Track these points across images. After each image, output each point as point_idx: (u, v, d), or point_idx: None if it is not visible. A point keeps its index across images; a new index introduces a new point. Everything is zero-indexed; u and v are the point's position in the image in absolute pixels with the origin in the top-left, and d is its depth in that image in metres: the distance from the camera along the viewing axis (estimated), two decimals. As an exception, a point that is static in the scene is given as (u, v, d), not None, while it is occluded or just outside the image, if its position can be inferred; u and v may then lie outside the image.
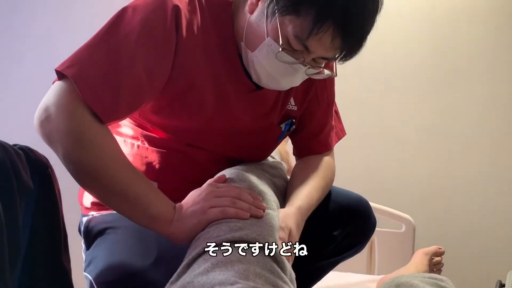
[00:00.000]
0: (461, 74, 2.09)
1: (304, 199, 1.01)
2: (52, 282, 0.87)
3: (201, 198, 0.87)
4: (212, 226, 0.82)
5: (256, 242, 0.77)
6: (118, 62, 0.86)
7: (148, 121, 1.01)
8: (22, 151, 0.81)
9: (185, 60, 0.93)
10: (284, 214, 0.93)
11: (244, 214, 0.83)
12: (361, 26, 0.88)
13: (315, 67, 0.94)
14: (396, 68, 2.13)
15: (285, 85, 0.98)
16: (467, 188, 2.09)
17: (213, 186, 0.90)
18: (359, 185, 2.04)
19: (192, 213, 0.85)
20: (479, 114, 2.09)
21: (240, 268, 0.70)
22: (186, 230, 0.84)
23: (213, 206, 0.84)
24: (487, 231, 2.08)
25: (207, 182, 0.92)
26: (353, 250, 1.16)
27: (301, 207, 0.98)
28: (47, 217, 0.86)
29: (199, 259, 0.74)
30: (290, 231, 0.90)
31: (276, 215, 0.89)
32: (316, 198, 1.05)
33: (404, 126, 2.13)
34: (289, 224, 0.91)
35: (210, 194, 0.87)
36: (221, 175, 0.94)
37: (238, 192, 0.87)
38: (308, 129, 1.15)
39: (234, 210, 0.83)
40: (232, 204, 0.84)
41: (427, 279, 0.98)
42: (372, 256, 1.85)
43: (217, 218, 0.83)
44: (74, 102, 0.82)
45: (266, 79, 0.96)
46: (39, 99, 0.86)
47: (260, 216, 0.84)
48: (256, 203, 0.86)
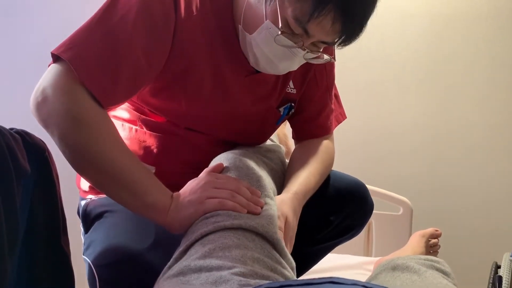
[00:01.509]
0: (460, 58, 2.08)
1: (301, 184, 1.00)
2: (51, 265, 0.87)
3: (199, 188, 0.85)
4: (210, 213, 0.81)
5: (255, 229, 0.77)
6: (116, 44, 0.85)
7: (146, 104, 1.01)
8: (19, 135, 0.81)
9: (184, 41, 0.92)
10: (280, 201, 0.93)
11: (242, 209, 0.81)
12: (362, 11, 0.87)
13: (314, 52, 0.93)
14: (395, 50, 2.12)
15: (283, 69, 0.97)
16: (465, 170, 2.10)
17: (212, 176, 0.88)
18: (357, 168, 2.05)
19: (189, 203, 0.84)
20: (478, 96, 2.08)
21: (238, 254, 0.71)
22: (182, 220, 0.83)
23: (211, 197, 0.83)
24: (484, 214, 2.09)
25: (204, 170, 0.91)
26: (350, 233, 1.16)
27: (297, 193, 0.97)
28: (45, 200, 0.86)
29: (196, 244, 0.74)
30: (286, 218, 0.89)
31: (274, 203, 0.88)
32: (314, 183, 1.05)
33: (402, 109, 2.13)
34: (285, 211, 0.90)
35: (208, 184, 0.85)
36: (219, 164, 0.93)
37: (236, 186, 0.85)
38: (307, 112, 1.15)
39: (232, 203, 0.82)
40: (230, 197, 0.82)
41: (423, 261, 0.99)
42: (370, 238, 1.87)
43: (215, 209, 0.81)
44: (72, 83, 0.81)
45: (264, 62, 0.95)
46: (34, 82, 0.85)
47: (258, 213, 0.82)
48: (254, 199, 0.85)
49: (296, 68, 0.99)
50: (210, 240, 0.73)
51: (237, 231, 0.76)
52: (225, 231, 0.75)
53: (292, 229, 0.90)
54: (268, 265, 0.73)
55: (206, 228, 0.76)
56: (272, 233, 0.79)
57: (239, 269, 0.67)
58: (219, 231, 0.75)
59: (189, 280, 0.64)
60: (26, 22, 2.17)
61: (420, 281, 0.85)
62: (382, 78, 2.13)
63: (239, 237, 0.75)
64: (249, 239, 0.76)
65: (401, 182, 2.10)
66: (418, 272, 0.88)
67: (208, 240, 0.74)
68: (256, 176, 0.91)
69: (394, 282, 0.88)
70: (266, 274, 0.69)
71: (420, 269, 0.89)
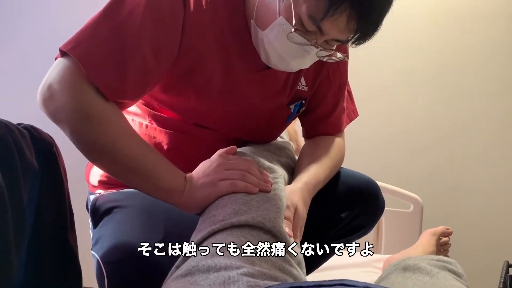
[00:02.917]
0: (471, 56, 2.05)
1: (311, 176, 0.99)
2: (58, 261, 0.87)
3: (211, 170, 0.87)
4: (219, 209, 0.81)
5: (261, 226, 0.76)
6: (124, 40, 0.83)
7: (156, 100, 1.00)
8: (27, 130, 0.80)
9: (193, 36, 0.90)
10: (290, 191, 0.92)
11: (253, 188, 0.84)
12: (378, 10, 0.85)
13: (327, 50, 0.91)
14: (404, 42, 2.09)
15: (294, 67, 0.96)
16: (477, 168, 2.07)
17: (223, 157, 0.90)
18: (367, 164, 2.04)
19: (202, 185, 0.86)
20: (491, 94, 2.05)
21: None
22: (197, 202, 0.86)
23: (223, 179, 0.85)
24: (496, 212, 2.06)
25: (217, 152, 0.92)
26: (361, 232, 1.15)
27: (307, 183, 0.97)
28: (52, 196, 0.86)
29: (204, 243, 0.73)
30: (296, 209, 0.89)
31: (284, 194, 0.88)
32: (324, 176, 1.03)
33: (412, 104, 2.11)
34: (295, 200, 0.90)
35: (221, 166, 0.87)
36: (232, 147, 0.94)
37: (248, 166, 0.87)
38: (319, 110, 1.13)
39: (243, 183, 0.84)
40: (242, 178, 0.84)
41: (435, 262, 0.97)
42: (379, 235, 1.85)
43: (227, 191, 0.84)
44: (79, 79, 0.81)
45: (276, 59, 0.93)
46: (41, 75, 0.84)
47: (268, 190, 0.85)
48: (264, 177, 0.87)
49: (308, 66, 0.97)
50: (217, 239, 0.73)
51: (244, 229, 0.76)
52: (232, 229, 0.75)
53: (302, 219, 0.90)
54: (276, 264, 0.72)
55: (214, 227, 0.76)
56: (279, 227, 0.79)
57: (247, 269, 0.66)
58: (226, 230, 0.75)
59: (197, 281, 0.63)
60: (36, 15, 2.16)
61: (432, 283, 0.83)
62: (394, 75, 2.11)
63: (246, 235, 0.74)
64: (256, 237, 0.75)
65: (412, 179, 2.08)
66: (430, 274, 0.87)
67: (216, 239, 0.73)
68: (267, 165, 0.92)
69: (405, 283, 0.87)
70: (274, 274, 0.68)
71: (432, 270, 0.88)
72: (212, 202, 0.85)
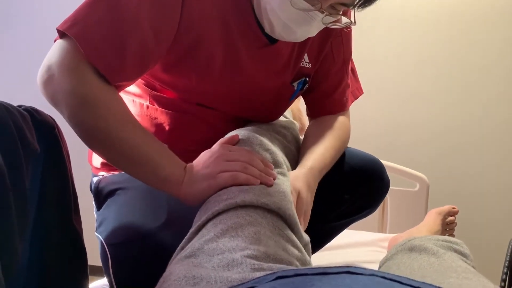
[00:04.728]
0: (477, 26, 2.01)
1: (316, 160, 0.97)
2: (63, 243, 0.86)
3: (211, 161, 0.83)
4: (223, 190, 0.80)
5: (266, 206, 0.75)
6: (121, 18, 0.81)
7: (157, 80, 0.98)
8: (27, 112, 0.79)
9: (193, 12, 0.88)
10: (294, 176, 0.90)
11: (255, 180, 0.80)
12: None
13: (333, 15, 0.87)
14: (411, 23, 2.05)
15: (300, 36, 0.92)
16: (483, 147, 2.05)
17: (225, 148, 0.86)
18: (373, 143, 2.03)
19: (202, 177, 0.82)
20: (498, 70, 2.02)
21: (251, 231, 0.69)
22: (196, 194, 0.82)
23: (224, 171, 0.81)
24: (502, 191, 2.05)
25: (218, 142, 0.89)
26: (365, 211, 1.14)
27: (312, 168, 0.95)
28: (55, 179, 0.85)
29: (208, 224, 0.72)
30: (299, 194, 0.87)
31: (287, 179, 0.86)
32: (330, 159, 1.02)
33: (418, 84, 2.08)
34: (298, 186, 0.88)
35: (221, 157, 0.83)
36: (234, 135, 0.91)
37: (249, 157, 0.83)
38: (322, 87, 1.11)
39: (244, 176, 0.80)
40: (243, 170, 0.80)
41: (441, 242, 0.96)
42: (385, 214, 1.85)
43: (228, 183, 0.80)
44: (78, 60, 0.79)
45: (280, 29, 0.90)
46: (41, 58, 0.83)
47: (270, 184, 0.81)
48: (267, 170, 0.83)
49: (315, 34, 0.93)
50: (221, 220, 0.72)
51: (249, 208, 0.74)
52: (236, 209, 0.74)
53: (306, 204, 0.88)
54: (280, 245, 0.71)
55: (218, 207, 0.74)
56: (285, 209, 0.77)
57: (251, 251, 0.65)
58: (230, 210, 0.74)
59: (201, 263, 0.63)
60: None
61: (438, 264, 0.82)
62: (402, 51, 2.07)
63: (251, 214, 0.73)
64: (261, 215, 0.74)
65: (418, 158, 2.07)
66: (436, 254, 0.86)
67: (219, 220, 0.72)
68: (270, 150, 0.89)
69: (411, 264, 0.86)
70: (279, 256, 0.67)
71: (438, 251, 0.87)
72: (212, 195, 0.81)
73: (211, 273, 0.58)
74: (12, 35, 2.24)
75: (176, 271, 0.61)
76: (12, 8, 2.22)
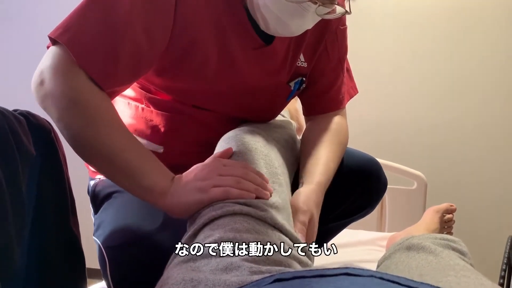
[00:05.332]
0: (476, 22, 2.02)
1: (322, 174, 0.96)
2: (61, 247, 0.87)
3: (204, 175, 0.80)
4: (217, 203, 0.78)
5: (264, 220, 0.74)
6: (114, 23, 0.80)
7: (152, 83, 0.97)
8: (23, 116, 0.79)
9: (187, 14, 0.87)
10: (305, 196, 0.89)
11: (248, 195, 0.77)
12: None
13: (326, 5, 0.85)
14: (407, 17, 2.05)
15: (295, 29, 0.91)
16: (481, 144, 2.06)
17: (218, 162, 0.83)
18: (370, 141, 2.03)
19: (193, 190, 0.79)
20: (496, 66, 2.02)
21: (249, 238, 0.68)
22: (184, 206, 0.79)
23: (216, 185, 0.78)
24: (500, 188, 2.06)
25: (212, 156, 0.87)
26: (363, 212, 1.14)
27: (320, 183, 0.94)
28: (52, 182, 0.85)
29: (205, 228, 0.72)
30: (312, 216, 0.86)
31: (284, 190, 0.85)
32: (333, 169, 1.01)
33: (416, 80, 2.08)
34: (311, 207, 0.87)
35: (214, 171, 0.80)
36: (227, 149, 0.88)
37: (243, 171, 0.80)
38: (318, 85, 1.10)
39: (237, 191, 0.77)
40: (236, 184, 0.77)
41: (438, 240, 0.96)
42: (383, 213, 1.85)
43: (219, 198, 0.76)
44: (70, 65, 0.78)
45: (274, 23, 0.89)
46: (38, 62, 0.83)
47: (267, 198, 0.78)
48: (263, 184, 0.80)
49: (311, 26, 0.92)
50: (219, 224, 0.71)
51: (246, 216, 0.73)
52: (234, 216, 0.73)
53: (315, 225, 0.88)
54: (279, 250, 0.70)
55: (215, 213, 0.74)
56: (282, 224, 0.76)
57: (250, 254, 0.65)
58: (228, 216, 0.73)
59: (199, 267, 0.63)
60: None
61: (436, 262, 0.82)
62: (397, 48, 2.08)
63: (249, 221, 0.72)
64: (259, 224, 0.73)
65: (416, 156, 2.07)
66: (434, 253, 0.86)
67: (217, 224, 0.71)
68: (265, 160, 0.88)
69: (409, 262, 0.86)
70: (278, 259, 0.67)
71: (436, 249, 0.87)
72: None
73: (209, 277, 0.57)
74: (8, 39, 2.23)
75: (174, 275, 0.60)
76: (8, 11, 2.21)
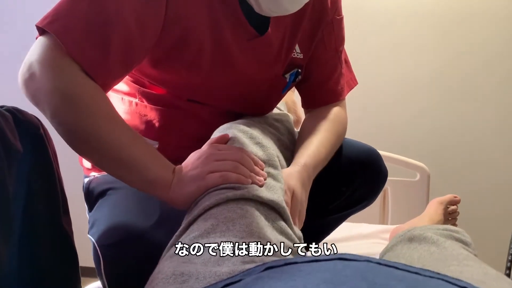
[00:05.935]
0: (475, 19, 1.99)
1: (310, 156, 0.94)
2: (53, 246, 0.85)
3: (200, 162, 0.79)
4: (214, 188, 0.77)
5: (259, 199, 0.73)
6: (104, 12, 0.78)
7: (146, 76, 0.95)
8: (10, 112, 0.77)
9: (179, 5, 0.85)
10: (287, 174, 0.87)
11: (246, 180, 0.76)
12: None
13: None
14: (411, 13, 2.03)
15: (289, 6, 0.88)
16: (485, 135, 2.03)
17: (214, 148, 0.82)
18: (372, 133, 2.00)
19: (191, 178, 0.78)
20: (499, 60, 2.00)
21: (243, 224, 0.67)
22: (185, 196, 0.78)
23: (212, 171, 0.77)
24: (504, 180, 2.03)
25: (207, 142, 0.86)
26: (364, 203, 1.12)
27: (306, 165, 0.92)
28: (42, 180, 0.84)
29: (198, 220, 0.70)
30: (294, 193, 0.84)
31: (278, 173, 0.84)
32: (325, 154, 0.99)
33: (417, 72, 2.05)
34: (292, 184, 0.85)
35: (210, 157, 0.79)
36: (223, 135, 0.87)
37: (240, 156, 0.79)
38: (316, 76, 1.08)
39: (235, 175, 0.76)
40: (233, 169, 0.77)
41: (441, 231, 0.94)
42: (386, 206, 1.82)
43: (217, 183, 0.76)
44: (60, 57, 0.75)
45: (266, 1, 0.86)
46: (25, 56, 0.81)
47: (261, 185, 0.77)
48: (257, 169, 0.80)
49: (304, 2, 0.89)
50: (212, 214, 0.69)
51: (240, 201, 0.72)
52: (227, 203, 0.71)
53: (300, 203, 0.85)
54: (273, 236, 0.69)
55: (209, 202, 0.72)
56: (278, 201, 0.75)
57: (243, 245, 0.63)
58: (221, 204, 0.71)
59: (191, 259, 0.61)
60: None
61: (439, 253, 0.80)
62: (395, 38, 2.05)
63: (242, 207, 0.71)
64: (253, 207, 0.72)
65: (418, 148, 2.04)
66: (436, 243, 0.84)
67: (210, 214, 0.70)
68: (261, 144, 0.87)
69: (412, 254, 0.84)
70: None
71: (438, 239, 0.85)
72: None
73: (200, 269, 0.56)
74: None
75: (164, 269, 0.58)
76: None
